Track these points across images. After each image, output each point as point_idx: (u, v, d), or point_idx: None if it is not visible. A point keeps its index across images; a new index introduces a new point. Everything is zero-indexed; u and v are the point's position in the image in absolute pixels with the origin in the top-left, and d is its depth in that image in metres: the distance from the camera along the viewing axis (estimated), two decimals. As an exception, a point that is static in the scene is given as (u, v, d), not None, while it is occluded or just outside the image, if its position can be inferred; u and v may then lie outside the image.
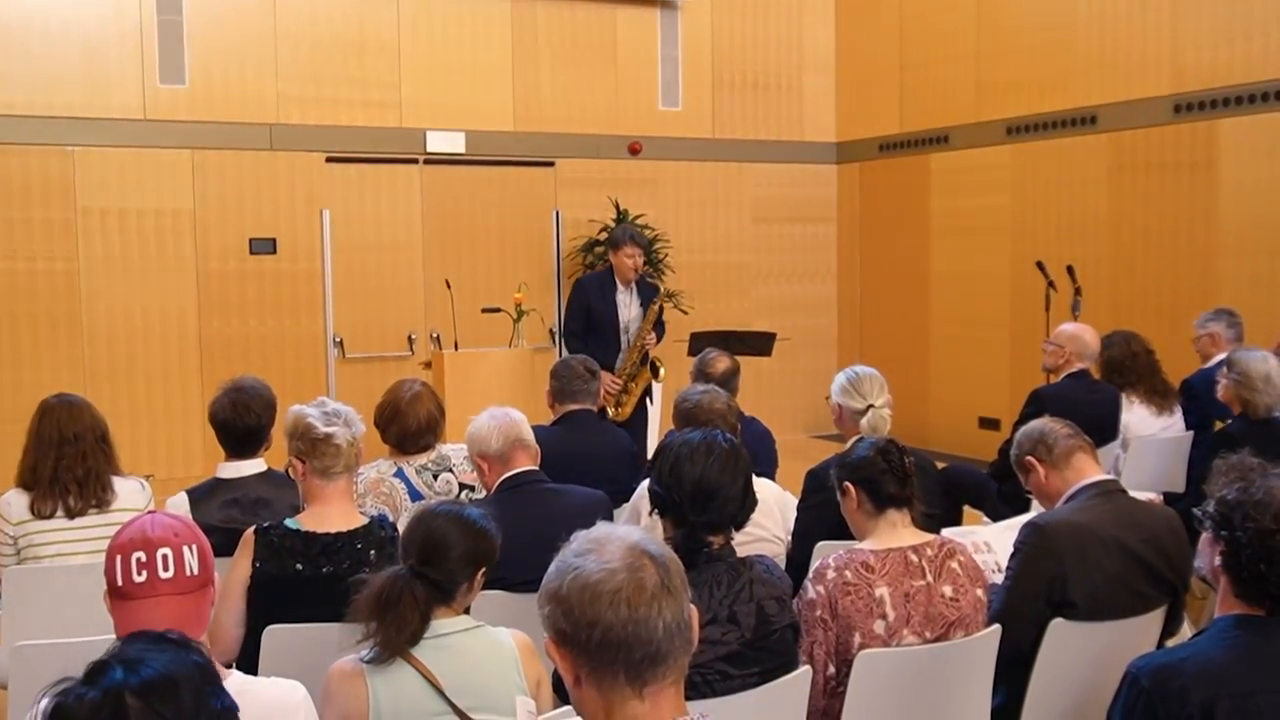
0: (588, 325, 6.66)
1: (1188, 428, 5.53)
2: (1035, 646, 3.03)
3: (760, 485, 3.04)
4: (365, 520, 3.13)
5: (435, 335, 8.81)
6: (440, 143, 9.17)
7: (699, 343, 6.58)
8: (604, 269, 7.12)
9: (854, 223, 10.63)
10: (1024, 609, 3.06)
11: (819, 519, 3.64)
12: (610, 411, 6.54)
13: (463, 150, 9.26)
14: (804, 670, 2.67)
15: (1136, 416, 5.49)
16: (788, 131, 10.53)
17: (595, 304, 6.67)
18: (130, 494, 3.82)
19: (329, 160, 8.86)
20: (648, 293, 6.72)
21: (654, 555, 1.68)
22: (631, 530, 1.73)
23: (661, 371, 6.60)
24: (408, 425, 4.02)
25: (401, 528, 2.67)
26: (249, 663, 2.88)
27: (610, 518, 3.62)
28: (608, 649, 1.62)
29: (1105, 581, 3.07)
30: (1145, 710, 2.15)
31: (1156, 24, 7.88)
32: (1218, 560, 2.25)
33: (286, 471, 3.31)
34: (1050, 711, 3.10)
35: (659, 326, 6.78)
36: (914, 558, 2.89)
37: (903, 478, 2.97)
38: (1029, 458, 3.42)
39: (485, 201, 9.40)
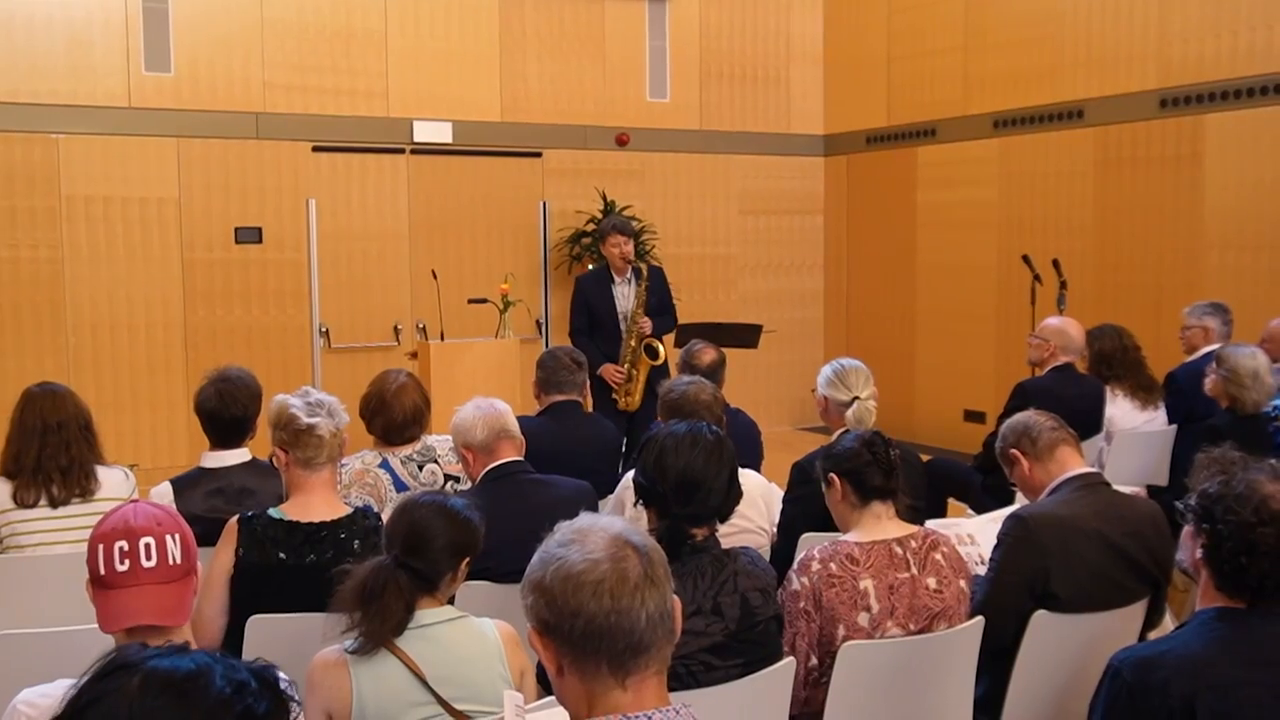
0: (591, 321, 6.68)
1: (1171, 421, 5.56)
2: (1018, 638, 3.04)
3: (745, 477, 3.04)
4: (349, 510, 3.12)
5: (421, 326, 8.80)
6: (427, 133, 9.14)
7: (685, 335, 6.58)
8: (601, 265, 7.13)
9: (841, 215, 10.64)
10: (1007, 601, 3.07)
11: (805, 511, 3.64)
12: (620, 401, 6.56)
13: (450, 140, 9.23)
14: (788, 661, 2.68)
15: (1120, 410, 5.52)
16: (775, 124, 10.54)
17: (593, 299, 6.69)
18: (114, 483, 3.81)
19: (315, 149, 8.82)
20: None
21: (637, 546, 1.68)
22: (615, 521, 1.73)
23: (661, 352, 6.61)
24: (393, 416, 4.01)
25: (386, 518, 2.66)
26: (233, 652, 2.87)
27: (595, 508, 3.61)
28: (590, 639, 1.62)
29: (1088, 574, 3.09)
30: (1127, 702, 2.16)
31: (1144, 19, 7.90)
32: (1199, 553, 2.26)
33: (271, 460, 3.30)
34: (1032, 703, 3.11)
35: (667, 310, 6.80)
36: (899, 550, 2.90)
37: (888, 470, 2.98)
38: (1013, 450, 3.43)
39: (472, 192, 9.38)
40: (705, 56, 10.23)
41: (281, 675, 1.44)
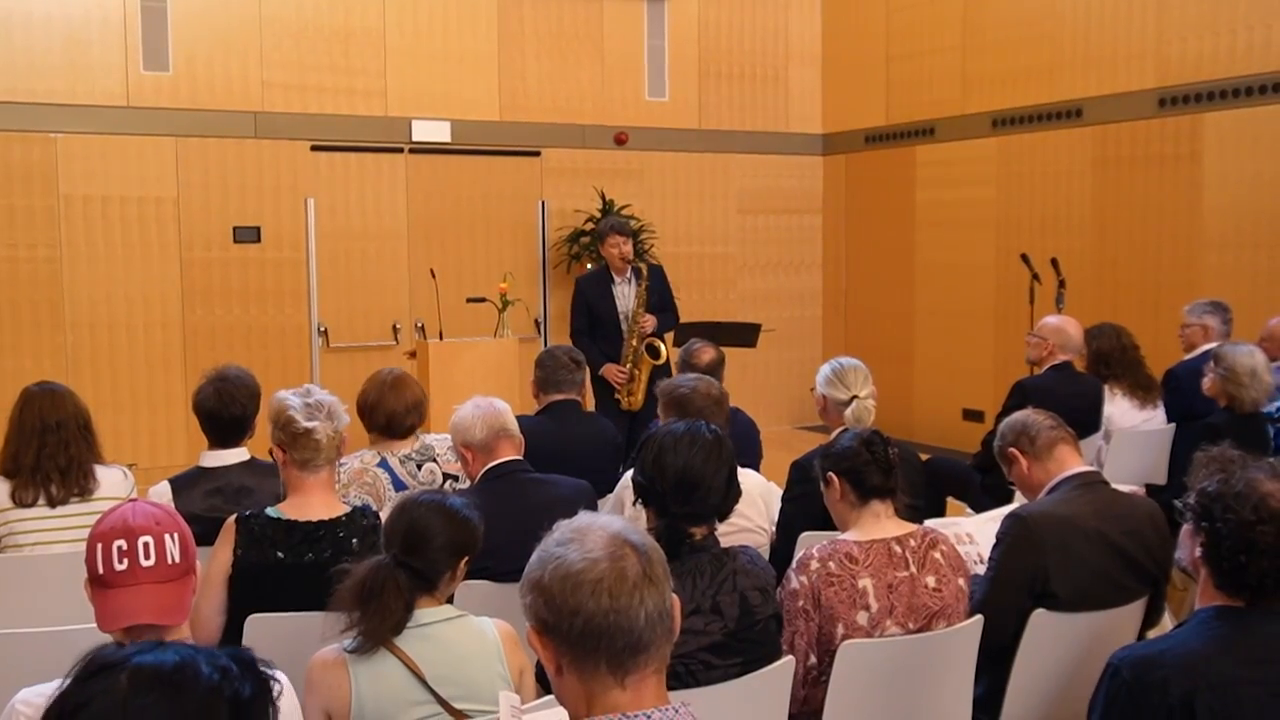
0: (591, 322, 6.68)
1: (1170, 419, 5.56)
2: (1017, 637, 3.04)
3: (744, 476, 3.04)
4: (347, 509, 3.12)
5: (420, 325, 8.80)
6: (426, 132, 9.14)
7: (684, 334, 6.59)
8: (601, 265, 7.13)
9: (840, 214, 10.64)
10: (1006, 600, 3.07)
11: (803, 510, 3.64)
12: (623, 401, 6.56)
13: (448, 139, 9.23)
14: (787, 660, 2.68)
15: (1119, 409, 5.52)
16: (774, 123, 10.53)
17: (594, 300, 6.68)
18: (112, 483, 3.80)
19: (314, 149, 8.82)
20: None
21: (636, 545, 1.68)
22: (614, 519, 1.72)
23: (662, 351, 6.60)
24: (394, 408, 4.01)
25: (384, 517, 2.66)
26: (231, 652, 2.86)
27: (594, 508, 3.61)
28: (589, 638, 1.62)
29: (1087, 573, 3.09)
30: (1126, 701, 2.16)
31: (1142, 17, 7.90)
32: (1198, 552, 2.26)
33: (270, 453, 3.30)
34: (1031, 701, 3.11)
35: (668, 308, 6.80)
36: (897, 549, 2.90)
37: (887, 469, 2.98)
38: (1012, 449, 3.43)
39: (471, 191, 9.38)
40: (704, 56, 10.23)
41: (257, 655, 1.44)
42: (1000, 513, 3.42)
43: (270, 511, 3.05)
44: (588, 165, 9.73)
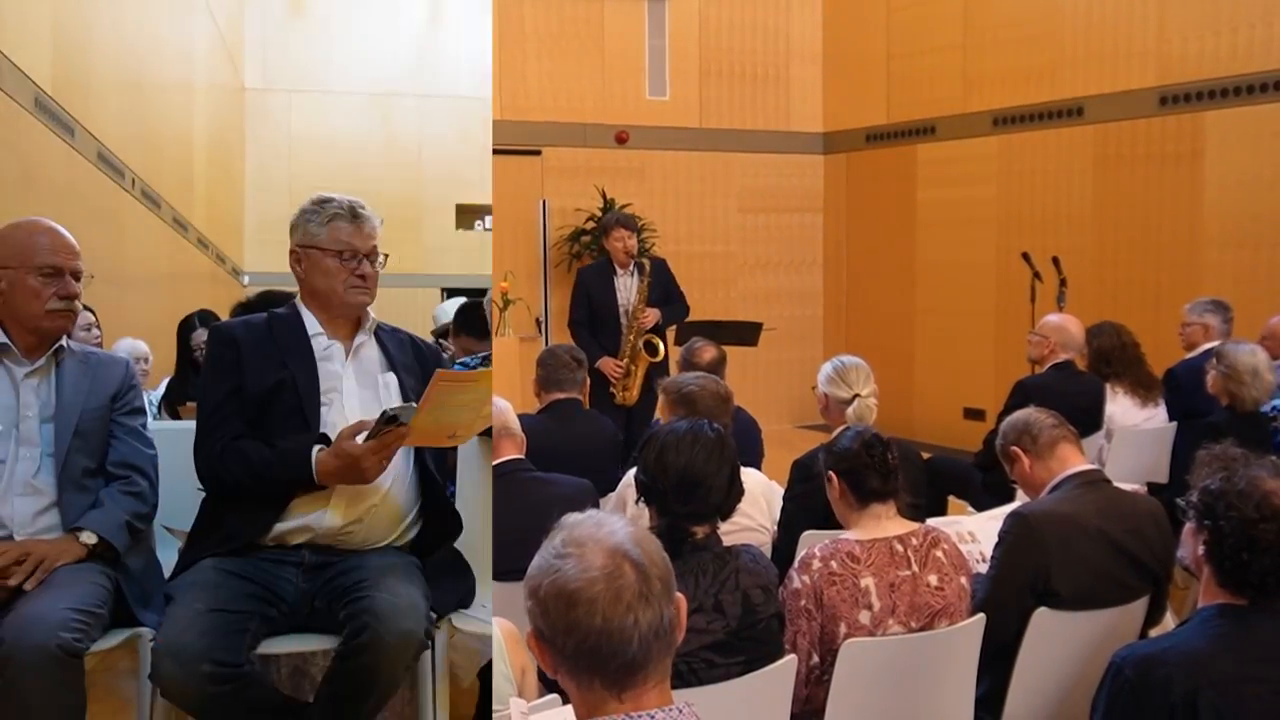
0: (591, 314, 6.68)
1: (1171, 418, 5.56)
2: (1019, 636, 3.04)
3: (747, 475, 3.03)
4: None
5: (421, 324, 8.80)
6: (426, 131, 9.15)
7: (685, 332, 6.58)
8: (603, 258, 7.13)
9: (840, 213, 10.64)
10: (1008, 599, 3.06)
11: (805, 509, 3.64)
12: (617, 396, 6.56)
13: (449, 139, 9.25)
14: (789, 659, 2.67)
15: (1121, 407, 5.52)
16: (775, 122, 10.53)
17: (594, 292, 6.68)
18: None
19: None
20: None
21: (635, 560, 1.63)
22: (617, 529, 1.68)
23: (661, 349, 6.60)
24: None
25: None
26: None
27: (596, 507, 3.61)
28: (582, 657, 1.59)
29: (1089, 571, 3.08)
30: (1129, 700, 2.16)
31: (1143, 16, 7.89)
32: (1201, 550, 2.27)
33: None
34: (1034, 700, 3.11)
35: (675, 299, 6.79)
36: (899, 548, 2.90)
37: (885, 473, 2.96)
38: (1013, 448, 3.43)
39: (471, 190, 9.40)
40: (704, 54, 10.22)
41: None
42: (1002, 511, 3.42)
43: None
44: (588, 164, 9.73)
